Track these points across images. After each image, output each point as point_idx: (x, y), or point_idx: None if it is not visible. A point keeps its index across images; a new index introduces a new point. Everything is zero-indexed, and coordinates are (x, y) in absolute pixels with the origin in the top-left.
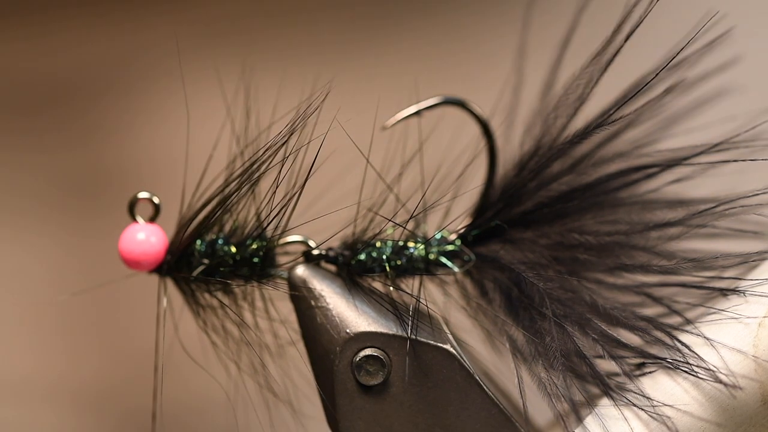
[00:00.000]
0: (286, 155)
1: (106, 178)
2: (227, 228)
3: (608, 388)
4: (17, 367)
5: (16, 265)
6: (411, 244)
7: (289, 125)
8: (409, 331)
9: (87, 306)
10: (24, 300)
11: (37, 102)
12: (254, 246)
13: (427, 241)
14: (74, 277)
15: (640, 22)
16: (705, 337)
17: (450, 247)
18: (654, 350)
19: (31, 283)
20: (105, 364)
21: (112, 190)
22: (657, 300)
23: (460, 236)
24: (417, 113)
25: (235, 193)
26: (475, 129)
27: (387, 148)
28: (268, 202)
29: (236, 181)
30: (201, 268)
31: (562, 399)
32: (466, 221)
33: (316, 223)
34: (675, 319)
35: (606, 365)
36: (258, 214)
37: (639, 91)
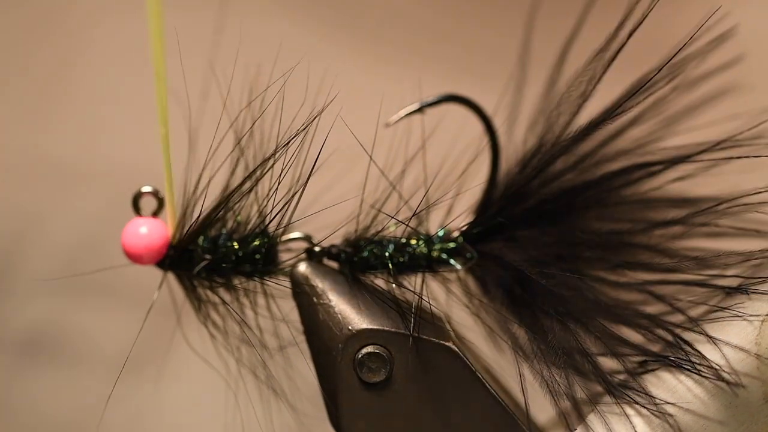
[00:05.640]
0: (288, 151)
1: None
2: (230, 224)
3: (611, 386)
4: None
5: None
6: (414, 242)
7: (292, 122)
8: (411, 329)
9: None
10: None
11: None
12: (257, 242)
13: (429, 239)
14: None
15: (643, 19)
16: (708, 335)
17: (452, 245)
18: (656, 348)
19: None
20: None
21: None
22: (660, 298)
23: (463, 234)
24: (420, 110)
25: (238, 190)
26: (478, 126)
27: (390, 145)
28: (270, 199)
29: (239, 178)
30: (203, 263)
31: (565, 397)
32: (469, 218)
33: (318, 220)
34: (678, 317)
35: (608, 363)
36: (261, 211)
37: (642, 88)
